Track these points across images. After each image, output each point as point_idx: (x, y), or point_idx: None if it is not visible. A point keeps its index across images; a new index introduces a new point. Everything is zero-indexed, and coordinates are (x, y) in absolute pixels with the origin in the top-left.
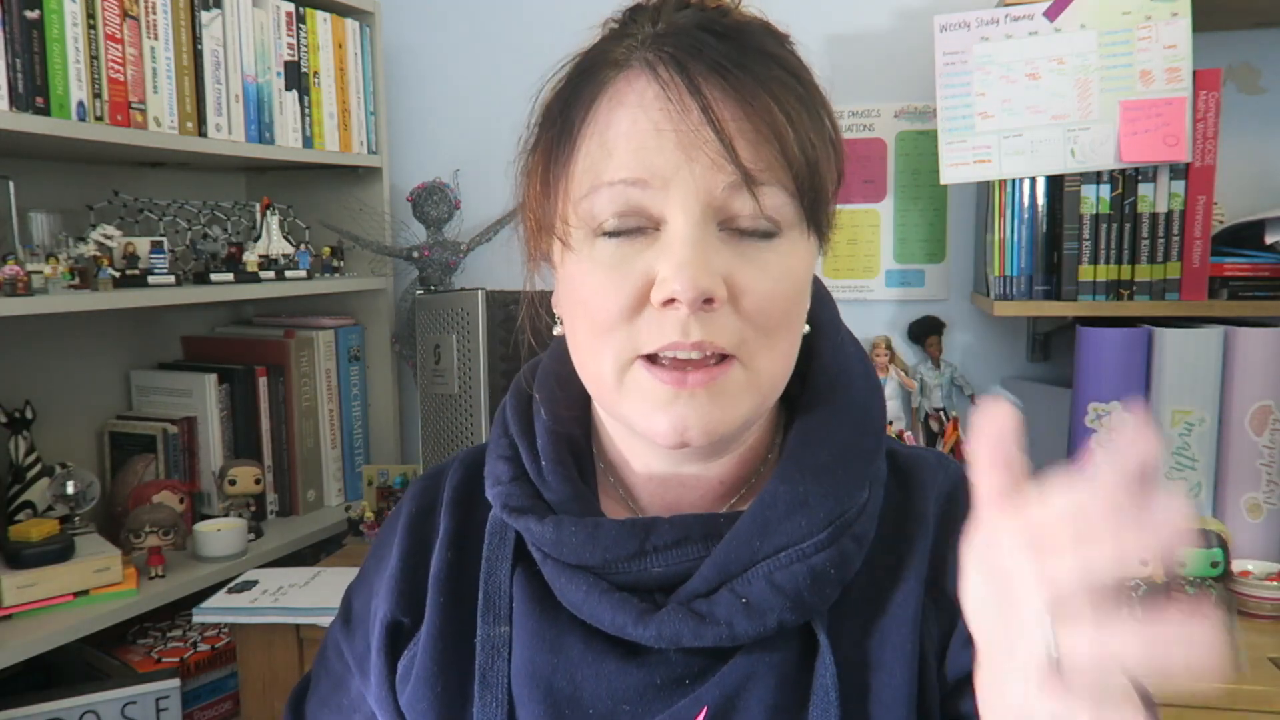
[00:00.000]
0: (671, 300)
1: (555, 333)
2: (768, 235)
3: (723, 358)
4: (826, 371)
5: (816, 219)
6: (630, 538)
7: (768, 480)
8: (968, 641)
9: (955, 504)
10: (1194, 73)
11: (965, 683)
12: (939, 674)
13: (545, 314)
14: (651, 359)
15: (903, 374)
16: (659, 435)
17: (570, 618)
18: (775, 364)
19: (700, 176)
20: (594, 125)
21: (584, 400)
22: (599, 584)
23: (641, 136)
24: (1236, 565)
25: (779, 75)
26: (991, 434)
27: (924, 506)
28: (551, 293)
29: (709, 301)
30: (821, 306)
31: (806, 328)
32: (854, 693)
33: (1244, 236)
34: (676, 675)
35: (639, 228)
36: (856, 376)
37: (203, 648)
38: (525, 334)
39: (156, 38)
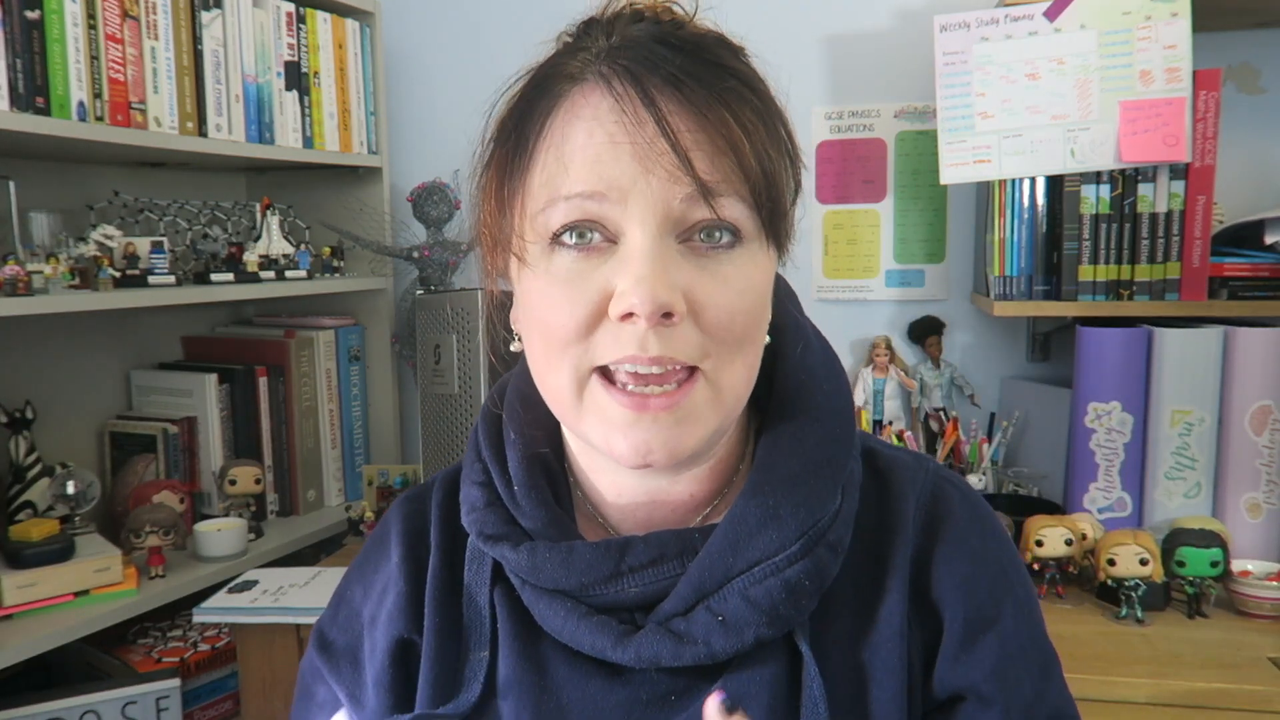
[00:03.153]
0: (630, 314)
1: (513, 348)
2: (727, 247)
3: (690, 372)
4: (792, 377)
5: (776, 230)
6: (605, 560)
7: (739, 492)
8: (957, 656)
9: (937, 506)
10: (1194, 73)
11: (954, 702)
12: (924, 686)
13: (504, 330)
14: (607, 375)
15: (903, 374)
16: (620, 458)
17: (553, 639)
18: (739, 378)
19: (657, 189)
20: (550, 139)
21: (553, 419)
22: (577, 608)
23: (598, 149)
24: (1236, 565)
25: (734, 87)
26: None
27: (903, 509)
28: (509, 307)
29: (668, 316)
30: (784, 305)
31: (767, 338)
32: (846, 705)
33: (1244, 236)
34: (661, 693)
35: (596, 241)
36: (822, 379)
37: (203, 648)
38: (485, 351)
39: (157, 38)
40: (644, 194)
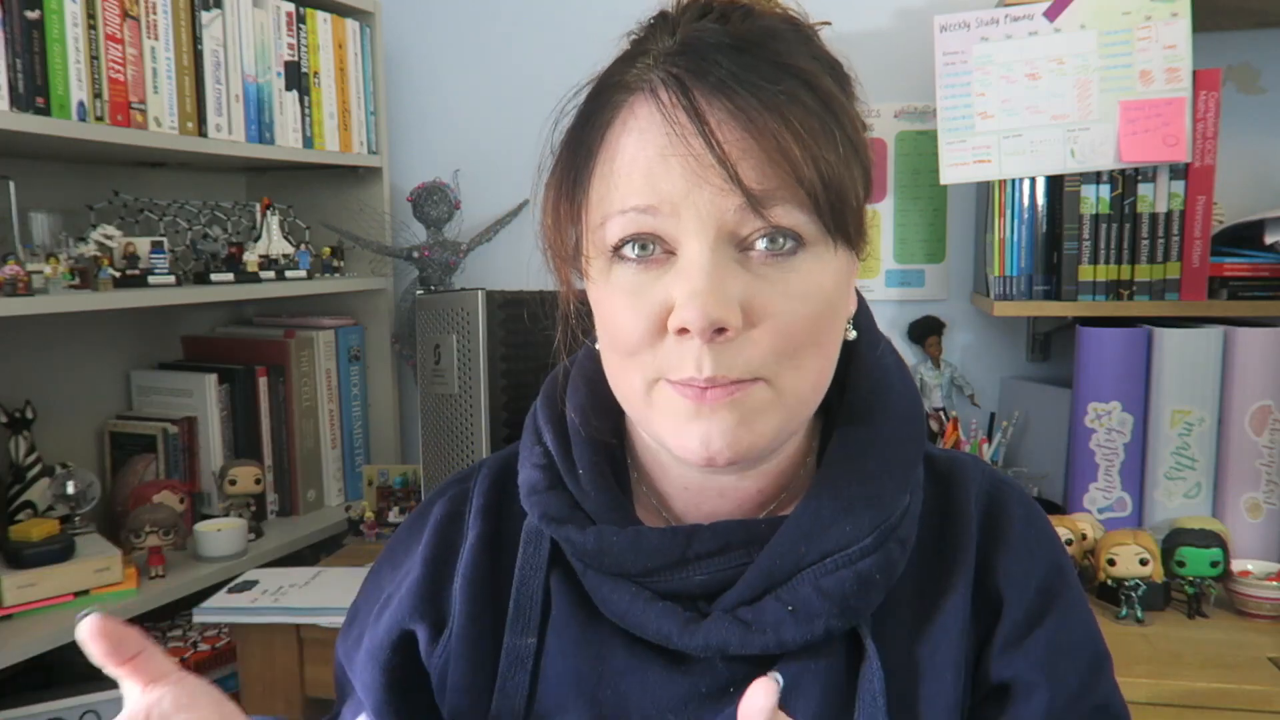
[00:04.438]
0: (685, 329)
1: (597, 346)
2: (790, 254)
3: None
4: (867, 379)
5: (843, 230)
6: (672, 546)
7: (808, 486)
8: (1007, 649)
9: (994, 506)
10: (1194, 73)
11: (1000, 690)
12: (976, 675)
13: (582, 335)
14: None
15: None
16: (688, 453)
17: (612, 626)
18: (803, 382)
19: (709, 201)
20: (606, 152)
21: (618, 407)
22: (642, 593)
23: (648, 163)
24: (1236, 565)
25: (789, 89)
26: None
27: (964, 509)
28: (585, 301)
29: (721, 331)
30: (859, 313)
31: (853, 333)
32: (902, 700)
33: (1244, 236)
34: (721, 684)
35: (656, 253)
36: (896, 382)
37: (203, 648)
38: (564, 349)
39: (157, 38)
40: (696, 207)
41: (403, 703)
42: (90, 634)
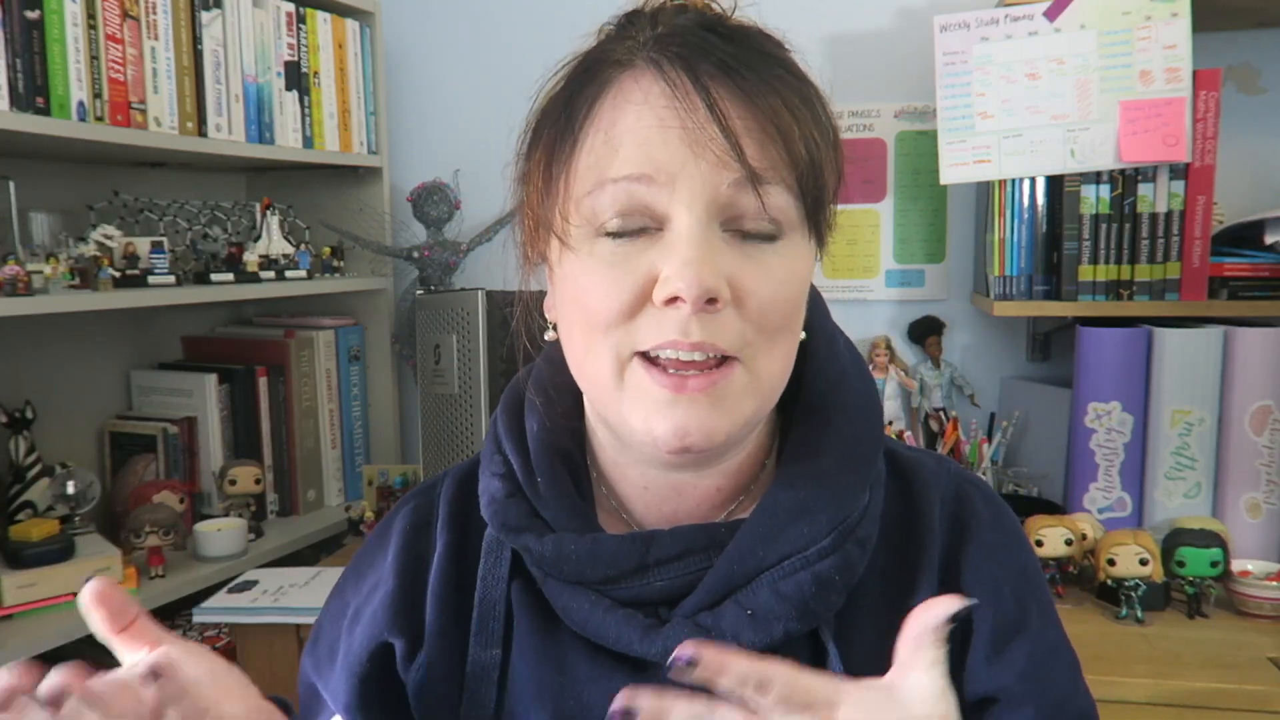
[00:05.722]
0: (674, 299)
1: (547, 337)
2: (771, 237)
3: (723, 359)
4: (823, 376)
5: (817, 221)
6: (631, 552)
7: (767, 486)
8: (988, 660)
9: (960, 507)
10: (1194, 73)
11: (985, 704)
12: (955, 684)
13: (540, 318)
14: (650, 359)
15: (903, 374)
16: (659, 439)
17: (574, 635)
18: (776, 366)
19: (706, 173)
20: (598, 122)
21: (578, 410)
22: (601, 601)
23: (647, 133)
24: (1236, 565)
25: (782, 75)
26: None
27: (928, 509)
28: (544, 295)
29: (712, 302)
30: (814, 309)
31: (803, 334)
32: None
33: (1244, 236)
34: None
35: (642, 227)
36: (852, 379)
37: None
38: (521, 338)
39: (157, 38)
40: (692, 178)
41: (377, 714)
42: (92, 600)
